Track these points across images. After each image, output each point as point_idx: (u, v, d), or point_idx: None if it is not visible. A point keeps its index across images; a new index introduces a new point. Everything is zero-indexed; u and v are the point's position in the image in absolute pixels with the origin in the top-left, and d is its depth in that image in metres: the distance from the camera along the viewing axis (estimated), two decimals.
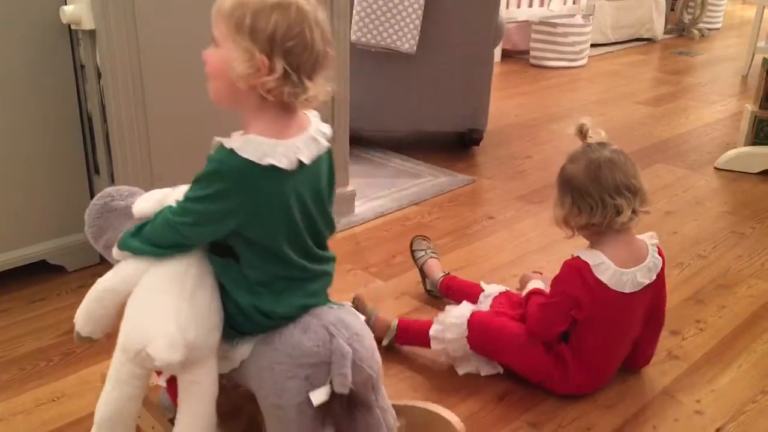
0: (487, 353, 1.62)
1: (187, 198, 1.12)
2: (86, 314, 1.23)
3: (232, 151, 1.06)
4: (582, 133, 1.56)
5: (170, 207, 1.15)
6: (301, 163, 1.10)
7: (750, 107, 3.07)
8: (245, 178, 1.07)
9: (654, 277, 1.54)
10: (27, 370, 1.64)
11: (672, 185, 2.84)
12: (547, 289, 1.63)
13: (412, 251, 2.02)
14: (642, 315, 1.58)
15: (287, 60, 1.05)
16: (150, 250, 1.16)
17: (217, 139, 1.09)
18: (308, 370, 1.13)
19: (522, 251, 2.26)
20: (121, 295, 1.19)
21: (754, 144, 3.02)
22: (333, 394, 1.13)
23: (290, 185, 1.11)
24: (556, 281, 1.56)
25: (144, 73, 1.84)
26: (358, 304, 1.73)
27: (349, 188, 2.48)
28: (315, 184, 1.16)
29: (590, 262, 1.50)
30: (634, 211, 1.49)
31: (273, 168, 1.07)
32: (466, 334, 1.60)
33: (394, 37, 2.86)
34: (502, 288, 1.77)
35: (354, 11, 2.82)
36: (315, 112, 1.19)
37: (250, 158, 1.06)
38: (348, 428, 1.21)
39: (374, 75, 2.97)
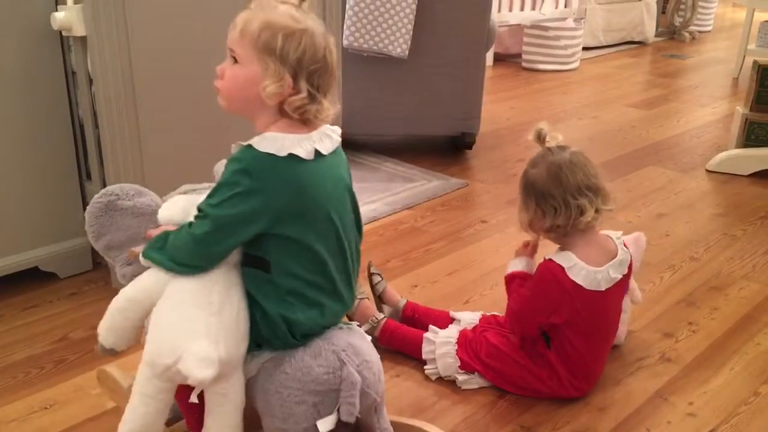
0: (476, 369, 1.61)
1: (211, 204, 1.12)
2: (109, 325, 1.20)
3: (250, 146, 1.10)
4: (540, 138, 1.56)
5: (192, 221, 1.15)
6: (318, 154, 1.13)
7: (741, 109, 3.08)
8: (267, 170, 1.09)
9: (626, 270, 1.57)
10: (19, 378, 1.63)
11: (664, 188, 2.85)
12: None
13: None
14: (619, 307, 1.61)
15: (310, 81, 1.12)
16: (174, 267, 1.15)
17: (237, 142, 1.13)
18: (317, 397, 1.13)
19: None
20: (144, 306, 1.16)
21: (745, 146, 3.04)
22: (342, 426, 1.13)
23: (312, 175, 1.13)
24: (534, 283, 1.57)
25: (135, 79, 1.84)
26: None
27: None
28: (337, 177, 1.19)
29: (564, 265, 1.51)
30: (597, 210, 1.51)
31: (292, 158, 1.10)
32: (456, 348, 1.62)
33: (386, 41, 2.87)
34: (477, 315, 1.74)
35: (346, 16, 2.82)
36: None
37: (269, 150, 1.09)
38: None
39: (366, 79, 2.98)
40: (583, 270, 1.51)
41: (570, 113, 3.91)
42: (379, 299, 1.83)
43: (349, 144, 2.88)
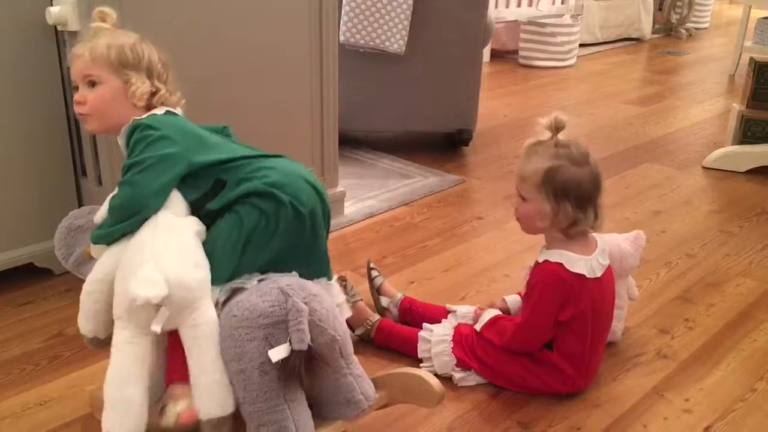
0: (473, 367, 1.61)
1: (131, 157, 1.25)
2: (82, 312, 1.26)
3: (134, 119, 1.28)
4: (557, 128, 1.49)
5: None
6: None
7: (737, 106, 3.08)
8: (162, 121, 1.28)
9: (608, 259, 1.58)
10: (13, 375, 1.63)
11: (660, 185, 2.85)
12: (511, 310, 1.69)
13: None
14: (613, 299, 1.62)
15: (160, 79, 1.35)
16: (115, 229, 1.23)
17: (124, 128, 1.29)
18: (266, 330, 1.16)
19: (511, 251, 2.26)
20: (107, 283, 1.22)
21: (741, 143, 3.04)
22: (296, 355, 1.15)
23: (192, 123, 1.34)
24: (534, 290, 1.55)
25: None
26: (341, 285, 1.74)
27: (339, 189, 2.48)
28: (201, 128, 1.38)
29: (561, 261, 1.51)
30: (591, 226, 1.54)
31: (169, 112, 1.33)
32: (452, 346, 1.62)
33: (383, 37, 2.86)
34: (473, 308, 1.74)
35: (342, 12, 2.81)
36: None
37: (152, 113, 1.31)
38: (316, 392, 1.24)
39: (363, 76, 2.97)
40: (579, 260, 1.51)
41: (567, 110, 3.90)
42: (377, 291, 1.86)
43: (345, 140, 2.90)
